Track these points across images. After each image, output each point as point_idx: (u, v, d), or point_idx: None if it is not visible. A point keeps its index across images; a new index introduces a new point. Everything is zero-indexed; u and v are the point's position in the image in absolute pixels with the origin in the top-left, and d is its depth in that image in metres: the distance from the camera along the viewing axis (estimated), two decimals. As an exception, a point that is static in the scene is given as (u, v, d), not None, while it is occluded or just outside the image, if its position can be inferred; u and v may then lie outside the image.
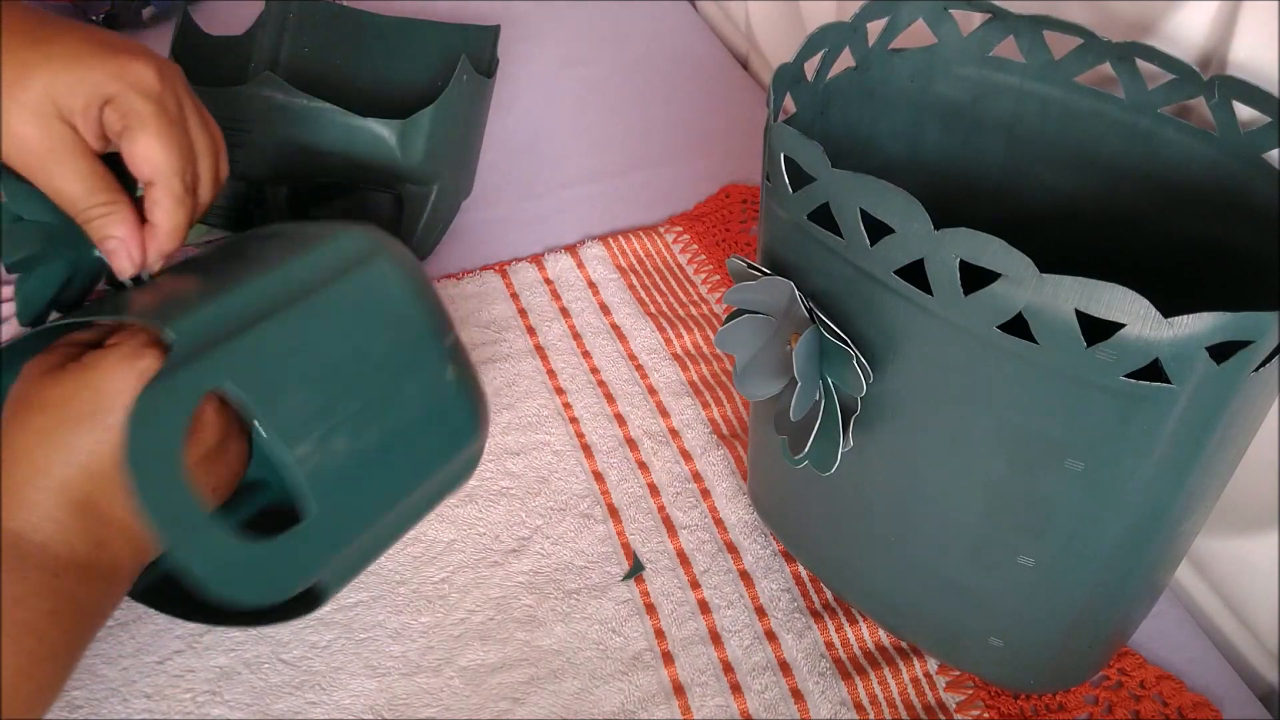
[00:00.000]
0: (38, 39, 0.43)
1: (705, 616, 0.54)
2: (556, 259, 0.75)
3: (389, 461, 0.43)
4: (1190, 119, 0.46)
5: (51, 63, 0.42)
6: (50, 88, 0.42)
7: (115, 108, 0.43)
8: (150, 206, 0.45)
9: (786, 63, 0.43)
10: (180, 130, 0.45)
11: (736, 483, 0.61)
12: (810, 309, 0.40)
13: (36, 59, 0.42)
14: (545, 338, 0.70)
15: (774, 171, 0.41)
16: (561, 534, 0.58)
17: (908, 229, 0.36)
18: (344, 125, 0.69)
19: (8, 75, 0.41)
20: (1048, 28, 0.47)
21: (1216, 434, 0.37)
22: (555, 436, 0.63)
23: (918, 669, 0.52)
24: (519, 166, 0.86)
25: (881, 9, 0.48)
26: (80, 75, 0.42)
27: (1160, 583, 0.50)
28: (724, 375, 0.67)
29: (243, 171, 0.71)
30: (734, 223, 0.79)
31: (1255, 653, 0.54)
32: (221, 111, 0.69)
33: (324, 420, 0.41)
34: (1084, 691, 0.51)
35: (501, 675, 0.52)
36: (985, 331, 0.36)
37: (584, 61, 0.98)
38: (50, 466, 0.39)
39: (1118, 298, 0.33)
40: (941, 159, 0.52)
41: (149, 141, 0.43)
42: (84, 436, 0.39)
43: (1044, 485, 0.39)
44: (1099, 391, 0.35)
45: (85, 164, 0.43)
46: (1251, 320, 0.33)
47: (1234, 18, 0.46)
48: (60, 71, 0.42)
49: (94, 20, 0.99)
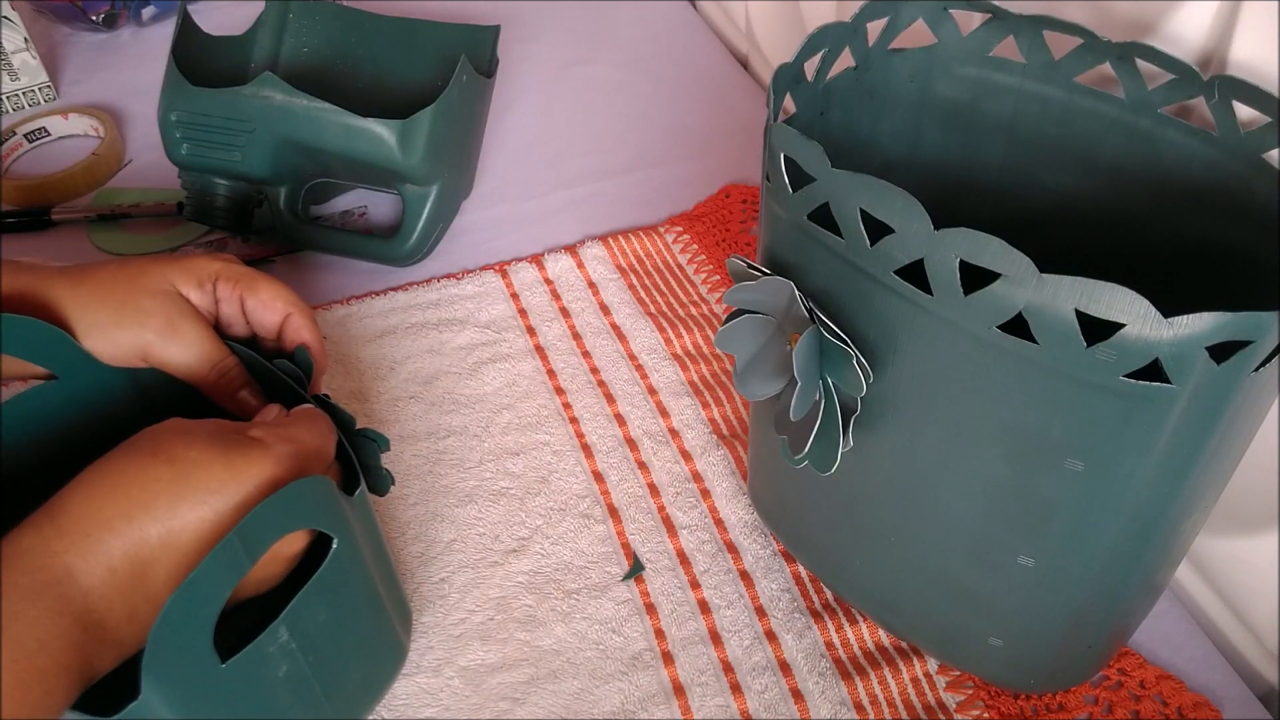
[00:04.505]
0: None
1: (705, 616, 0.54)
2: (556, 259, 0.75)
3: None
4: (1190, 119, 0.46)
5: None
6: (169, 274, 0.48)
7: (225, 278, 0.49)
8: (296, 332, 0.50)
9: (786, 63, 0.43)
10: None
11: (736, 483, 0.61)
12: (810, 309, 0.40)
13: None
14: (545, 338, 0.70)
15: (774, 171, 0.41)
16: (561, 534, 0.58)
17: (907, 229, 0.36)
18: (344, 125, 0.69)
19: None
20: (1048, 28, 0.47)
21: (1216, 434, 0.37)
22: (555, 436, 0.63)
23: (918, 669, 0.52)
24: (519, 166, 0.86)
25: (881, 9, 0.48)
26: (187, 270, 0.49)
27: (1160, 583, 0.50)
28: (724, 375, 0.67)
29: (243, 171, 0.71)
30: (734, 223, 0.79)
31: (1255, 653, 0.54)
32: (221, 111, 0.70)
33: (300, 642, 0.41)
34: (1084, 691, 0.51)
35: (501, 675, 0.52)
36: (985, 331, 0.36)
37: (584, 61, 0.98)
38: (137, 518, 0.36)
39: (1118, 298, 0.33)
40: (941, 159, 0.52)
41: (268, 285, 0.49)
42: (190, 509, 0.37)
43: (1044, 485, 0.39)
44: (1099, 391, 0.35)
45: (206, 331, 0.48)
46: (1251, 320, 0.33)
47: (1234, 18, 0.46)
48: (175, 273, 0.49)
49: (94, 20, 0.99)
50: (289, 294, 0.50)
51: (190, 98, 0.70)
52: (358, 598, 0.45)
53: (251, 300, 0.49)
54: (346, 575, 0.43)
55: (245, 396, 0.48)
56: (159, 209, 0.79)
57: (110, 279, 0.47)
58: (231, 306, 0.50)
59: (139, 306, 0.46)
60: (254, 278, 0.50)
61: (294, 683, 0.42)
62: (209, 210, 0.73)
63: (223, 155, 0.71)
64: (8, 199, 0.81)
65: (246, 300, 0.49)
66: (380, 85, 0.79)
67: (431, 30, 0.79)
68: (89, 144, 0.87)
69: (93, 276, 0.47)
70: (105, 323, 0.46)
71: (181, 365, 0.47)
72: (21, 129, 0.87)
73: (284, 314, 0.50)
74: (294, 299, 0.50)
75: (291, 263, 0.76)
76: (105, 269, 0.47)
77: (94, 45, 1.01)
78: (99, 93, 0.94)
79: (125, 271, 0.47)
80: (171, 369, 0.47)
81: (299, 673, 0.42)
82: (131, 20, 1.02)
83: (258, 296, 0.49)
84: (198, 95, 0.70)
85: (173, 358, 0.47)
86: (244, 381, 0.49)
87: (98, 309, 0.46)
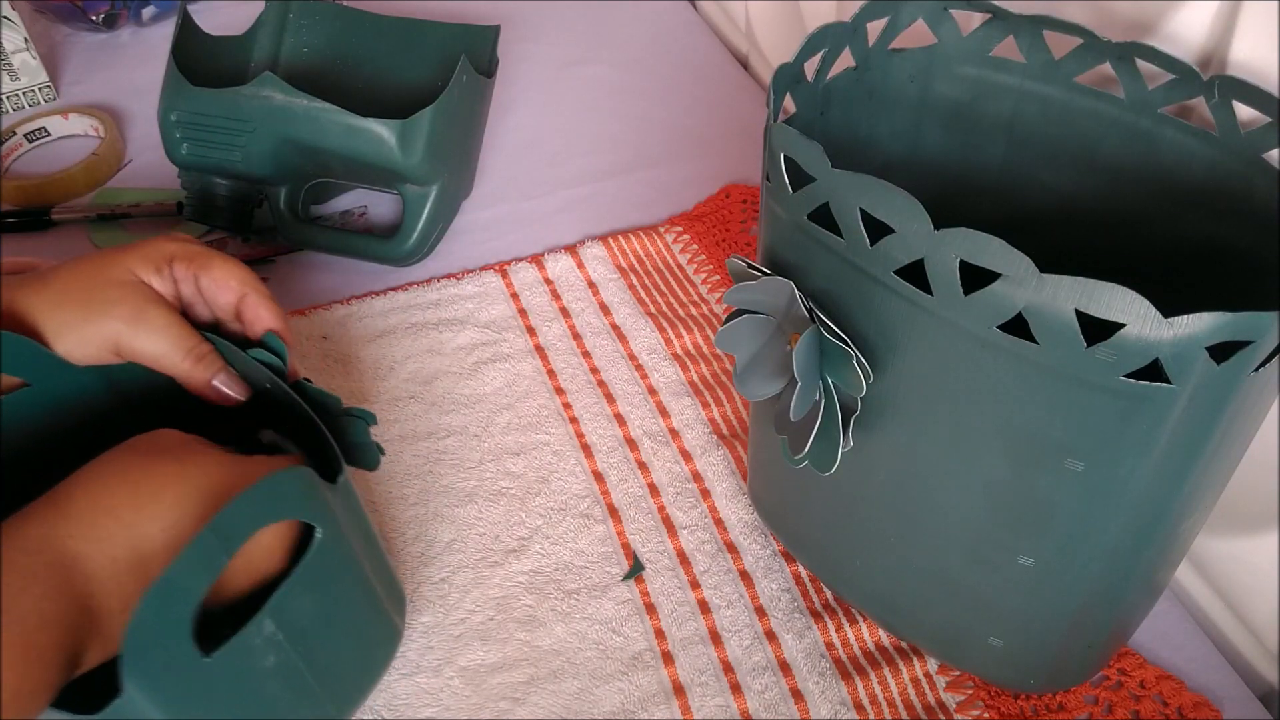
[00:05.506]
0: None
1: (705, 616, 0.54)
2: (556, 259, 0.75)
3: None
4: (1190, 119, 0.46)
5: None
6: (127, 262, 0.47)
7: (180, 259, 0.48)
8: (254, 311, 0.49)
9: (786, 63, 0.43)
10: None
11: (736, 483, 0.61)
12: (810, 309, 0.40)
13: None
14: (545, 338, 0.70)
15: (774, 171, 0.41)
16: (561, 534, 0.58)
17: (908, 229, 0.36)
18: (344, 125, 0.69)
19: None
20: (1048, 28, 0.47)
21: (1216, 434, 0.37)
22: (555, 436, 0.63)
23: (918, 669, 0.52)
24: (519, 166, 0.86)
25: (881, 9, 0.48)
26: (136, 252, 0.47)
27: (1160, 583, 0.50)
28: (724, 375, 0.67)
29: (243, 171, 0.71)
30: (734, 223, 0.79)
31: (1255, 653, 0.54)
32: (221, 111, 0.70)
33: (288, 633, 0.41)
34: (1084, 691, 0.51)
35: (501, 675, 0.52)
36: (985, 331, 0.36)
37: (584, 61, 0.98)
38: (144, 509, 0.38)
39: (1118, 298, 0.33)
40: (941, 159, 0.52)
41: (221, 264, 0.48)
42: (196, 506, 0.38)
43: (1044, 485, 0.39)
44: (1099, 391, 0.35)
45: (174, 316, 0.47)
46: (1251, 320, 0.33)
47: (1234, 18, 0.46)
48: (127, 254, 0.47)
49: (94, 20, 0.99)
50: (243, 272, 0.49)
51: (190, 98, 0.70)
52: (346, 585, 0.44)
53: (205, 280, 0.48)
54: (332, 563, 0.43)
55: (223, 381, 0.48)
56: (159, 209, 0.79)
57: (73, 276, 0.46)
58: (189, 287, 0.49)
59: (104, 299, 0.46)
60: (208, 257, 0.48)
61: (284, 673, 0.41)
62: (209, 210, 0.73)
63: (223, 155, 0.71)
64: (8, 199, 0.81)
65: (201, 280, 0.48)
66: (380, 85, 0.79)
67: (431, 30, 0.79)
68: (89, 144, 0.87)
69: (57, 278, 0.46)
70: (74, 321, 0.45)
71: (155, 353, 0.46)
72: (21, 129, 0.87)
73: (239, 293, 0.49)
74: (249, 277, 0.49)
75: (291, 263, 0.76)
76: (67, 267, 0.47)
77: (94, 45, 1.01)
78: (99, 93, 0.94)
79: (87, 267, 0.47)
80: (146, 359, 0.46)
81: (288, 663, 0.41)
82: (131, 20, 1.02)
83: (211, 275, 0.48)
84: (198, 95, 0.70)
85: (145, 347, 0.46)
86: (221, 365, 0.48)
87: (65, 309, 0.45)
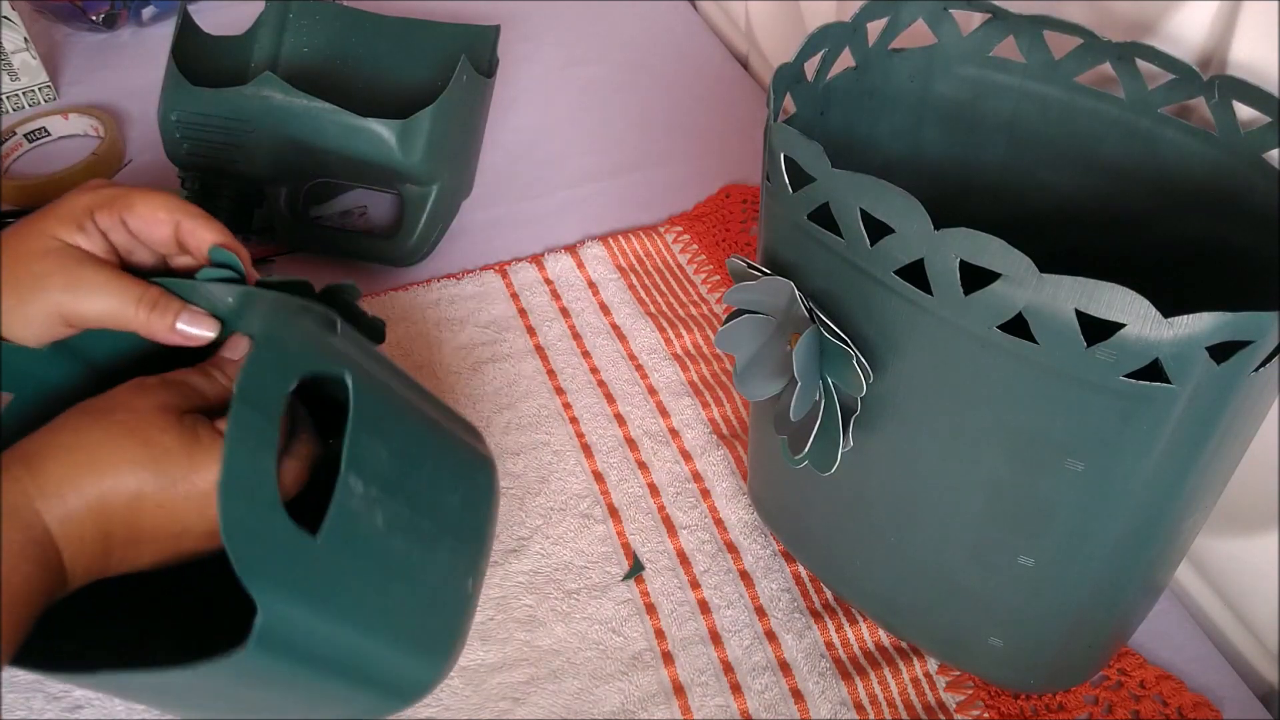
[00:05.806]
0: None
1: (705, 616, 0.54)
2: (556, 259, 0.75)
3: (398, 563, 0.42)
4: (1190, 119, 0.46)
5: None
6: (46, 227, 0.44)
7: (99, 208, 0.45)
8: (193, 235, 0.46)
9: (786, 63, 0.43)
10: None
11: (736, 483, 0.61)
12: (810, 309, 0.40)
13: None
14: (545, 338, 0.70)
15: (774, 171, 0.41)
16: (561, 534, 0.58)
17: (908, 229, 0.36)
18: (344, 125, 0.69)
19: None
20: (1048, 28, 0.47)
21: (1216, 434, 0.37)
22: (555, 436, 0.63)
23: (918, 669, 0.52)
24: (519, 166, 0.86)
25: (881, 9, 0.48)
26: (61, 207, 0.45)
27: (1160, 583, 0.50)
28: (724, 375, 0.67)
29: (243, 171, 0.71)
30: (734, 223, 0.79)
31: (1255, 653, 0.54)
32: (221, 111, 0.70)
33: (380, 485, 0.40)
34: (1084, 691, 0.51)
35: (501, 675, 0.52)
36: (985, 331, 0.36)
37: (584, 61, 0.98)
38: (108, 475, 0.38)
39: (1118, 298, 0.33)
40: (941, 159, 0.52)
41: (143, 198, 0.46)
42: (156, 488, 0.39)
43: (1044, 485, 0.39)
44: (1099, 391, 0.35)
45: (111, 270, 0.45)
46: (1251, 320, 0.33)
47: (1234, 18, 0.46)
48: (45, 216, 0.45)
49: (94, 20, 0.99)
50: (169, 199, 0.46)
51: (190, 98, 0.70)
52: (410, 424, 0.43)
53: (133, 220, 0.46)
54: (382, 405, 0.42)
55: (187, 320, 0.46)
56: (159, 209, 0.79)
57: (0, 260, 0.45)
58: (119, 234, 0.46)
59: (32, 274, 0.44)
60: (127, 197, 0.45)
61: (399, 527, 0.40)
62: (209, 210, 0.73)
63: (223, 155, 0.71)
64: (8, 199, 0.81)
65: (129, 222, 0.46)
66: (380, 85, 0.79)
67: (431, 30, 0.79)
68: (89, 144, 0.87)
69: None
70: (13, 304, 0.44)
71: (105, 313, 0.44)
72: (21, 129, 0.87)
73: (171, 223, 0.46)
74: (175, 203, 0.46)
75: (291, 263, 0.76)
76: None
77: (94, 45, 1.01)
78: (99, 93, 0.94)
79: (7, 246, 0.44)
80: (98, 321, 0.45)
81: (398, 515, 0.40)
82: (131, 20, 1.02)
83: (136, 214, 0.45)
84: (198, 95, 0.70)
85: (91, 310, 0.44)
86: (179, 306, 0.46)
87: (3, 295, 0.44)
